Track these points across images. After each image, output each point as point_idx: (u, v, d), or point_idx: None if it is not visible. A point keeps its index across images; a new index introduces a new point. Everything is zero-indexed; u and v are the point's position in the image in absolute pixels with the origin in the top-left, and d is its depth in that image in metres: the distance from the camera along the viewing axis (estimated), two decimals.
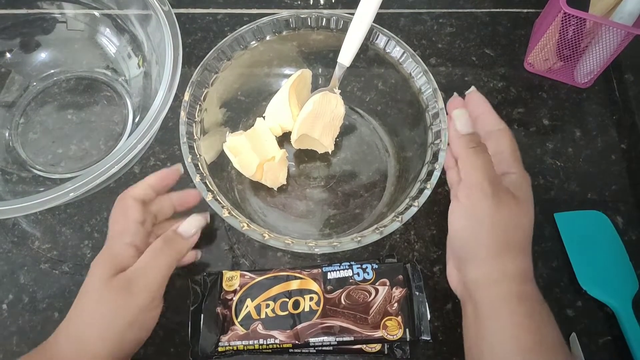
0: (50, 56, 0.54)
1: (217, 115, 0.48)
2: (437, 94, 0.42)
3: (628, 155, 0.53)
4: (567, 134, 0.54)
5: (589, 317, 0.45)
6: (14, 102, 0.53)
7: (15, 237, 0.48)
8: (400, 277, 0.43)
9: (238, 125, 0.51)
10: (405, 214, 0.38)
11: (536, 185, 0.51)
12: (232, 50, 0.45)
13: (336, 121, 0.48)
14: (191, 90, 0.42)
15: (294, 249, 0.37)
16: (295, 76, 0.47)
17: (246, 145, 0.45)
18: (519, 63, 0.58)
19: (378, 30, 0.45)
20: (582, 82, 0.56)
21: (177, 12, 0.47)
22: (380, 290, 0.42)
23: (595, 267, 0.46)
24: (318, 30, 0.46)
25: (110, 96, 0.54)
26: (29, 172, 0.50)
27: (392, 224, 0.38)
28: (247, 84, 0.50)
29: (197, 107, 0.42)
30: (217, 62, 0.44)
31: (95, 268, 0.36)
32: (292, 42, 0.48)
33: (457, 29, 0.60)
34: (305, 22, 0.45)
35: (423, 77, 0.43)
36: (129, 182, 0.50)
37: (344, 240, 0.37)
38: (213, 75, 0.44)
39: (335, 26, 0.45)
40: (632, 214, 0.50)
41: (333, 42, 0.46)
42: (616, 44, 0.50)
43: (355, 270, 0.43)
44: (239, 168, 0.45)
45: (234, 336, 0.41)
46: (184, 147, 0.40)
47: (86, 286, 0.36)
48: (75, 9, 0.53)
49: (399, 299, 0.42)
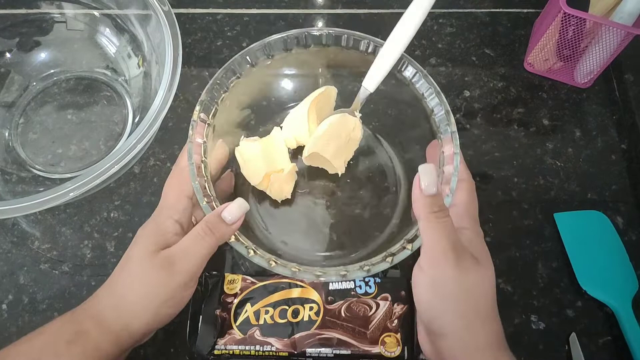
0: (50, 56, 0.54)
1: (235, 115, 0.47)
2: (449, 116, 0.41)
3: (628, 155, 0.53)
4: (567, 134, 0.54)
5: (588, 317, 0.45)
6: (14, 102, 0.53)
7: (14, 237, 0.48)
8: (402, 293, 0.42)
9: (256, 130, 0.49)
10: (415, 243, 0.37)
11: (536, 186, 0.51)
12: (257, 57, 0.44)
13: (351, 144, 0.47)
14: (210, 91, 0.42)
15: (300, 276, 0.36)
16: (319, 92, 0.46)
17: (257, 153, 0.45)
18: (519, 63, 0.58)
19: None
20: (582, 82, 0.56)
21: (177, 12, 0.47)
22: (381, 305, 0.41)
23: (595, 268, 0.46)
24: (348, 50, 0.45)
25: (110, 96, 0.54)
26: (29, 172, 0.50)
27: (403, 252, 0.37)
28: (271, 91, 0.50)
29: (212, 109, 0.42)
30: (240, 66, 0.44)
31: (141, 238, 0.37)
32: (320, 57, 0.47)
33: (457, 29, 0.60)
34: (336, 40, 0.45)
35: (435, 98, 0.42)
36: (129, 182, 0.50)
37: (350, 269, 0.36)
38: (234, 80, 0.43)
39: (365, 49, 0.45)
40: (632, 214, 0.50)
41: (361, 63, 0.45)
42: (616, 44, 0.50)
43: (358, 282, 0.42)
44: (246, 174, 0.45)
45: (231, 340, 0.40)
46: (189, 146, 0.39)
47: (131, 252, 0.37)
48: (75, 8, 0.53)
49: (399, 316, 0.41)
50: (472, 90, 0.56)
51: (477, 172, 0.51)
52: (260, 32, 0.59)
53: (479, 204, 0.49)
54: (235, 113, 0.47)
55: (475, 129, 0.54)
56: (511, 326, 0.45)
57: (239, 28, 0.59)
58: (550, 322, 0.45)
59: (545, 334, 0.45)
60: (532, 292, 0.46)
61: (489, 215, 0.49)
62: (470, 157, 0.52)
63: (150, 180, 0.50)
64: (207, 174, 0.40)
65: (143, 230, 0.38)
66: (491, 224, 0.49)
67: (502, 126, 0.54)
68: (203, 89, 0.42)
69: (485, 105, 0.55)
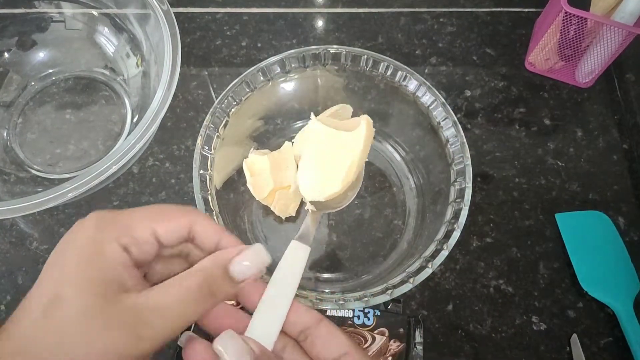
0: (48, 56, 0.54)
1: (246, 126, 0.46)
2: (464, 148, 0.40)
3: (630, 155, 0.53)
4: (569, 134, 0.54)
5: (590, 318, 0.45)
6: (12, 102, 0.53)
7: (13, 238, 0.48)
8: (401, 330, 0.41)
9: (266, 142, 0.49)
10: (418, 276, 0.36)
11: (537, 186, 0.51)
12: (272, 72, 0.44)
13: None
14: (222, 101, 0.41)
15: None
16: (334, 109, 0.46)
17: (266, 167, 0.44)
18: (520, 63, 0.57)
19: (409, 74, 0.43)
20: (584, 81, 0.56)
21: (176, 12, 0.47)
22: (377, 340, 0.40)
23: (596, 268, 0.46)
24: (366, 70, 0.45)
25: (108, 96, 0.54)
26: (27, 172, 0.50)
27: (404, 285, 0.36)
28: (284, 105, 0.49)
29: (223, 120, 0.41)
30: (256, 78, 0.43)
31: (80, 264, 0.23)
32: (339, 76, 0.47)
33: (457, 29, 0.60)
34: (354, 60, 0.44)
35: (452, 128, 0.41)
36: (128, 183, 0.50)
37: (348, 298, 0.35)
38: (247, 92, 0.43)
39: (385, 71, 0.44)
40: (633, 214, 0.50)
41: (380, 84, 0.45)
42: (617, 43, 0.49)
43: (356, 312, 0.41)
44: (251, 188, 0.44)
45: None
46: (196, 157, 0.38)
47: (61, 289, 0.23)
48: (74, 8, 0.53)
49: (394, 354, 0.40)
50: (472, 90, 0.56)
51: (478, 172, 0.51)
52: (259, 32, 0.59)
53: (481, 204, 0.49)
54: (246, 124, 0.46)
55: (476, 129, 0.54)
56: (512, 327, 0.44)
57: (238, 27, 0.59)
58: (552, 323, 0.45)
59: (547, 335, 0.44)
60: (533, 292, 0.46)
61: (489, 215, 0.49)
62: (471, 157, 0.52)
63: (149, 181, 0.50)
64: (212, 188, 0.39)
65: (78, 247, 0.24)
66: (492, 225, 0.49)
67: (503, 126, 0.54)
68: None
69: (486, 105, 0.55)
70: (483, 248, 0.48)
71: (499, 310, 0.45)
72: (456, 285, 0.46)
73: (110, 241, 0.24)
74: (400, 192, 0.48)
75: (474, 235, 0.48)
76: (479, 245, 0.48)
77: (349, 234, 0.47)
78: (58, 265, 0.24)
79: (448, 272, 0.47)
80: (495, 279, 0.46)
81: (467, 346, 0.44)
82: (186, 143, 0.52)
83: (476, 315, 0.45)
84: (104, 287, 0.23)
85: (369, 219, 0.47)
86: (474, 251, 0.48)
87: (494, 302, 0.46)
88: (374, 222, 0.47)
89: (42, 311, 0.22)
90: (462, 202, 0.38)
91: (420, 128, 0.45)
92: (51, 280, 0.23)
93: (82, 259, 0.23)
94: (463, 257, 0.47)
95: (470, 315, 0.45)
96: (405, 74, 0.43)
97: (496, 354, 0.44)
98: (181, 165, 0.51)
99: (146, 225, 0.25)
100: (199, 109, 0.53)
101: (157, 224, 0.26)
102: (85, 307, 0.22)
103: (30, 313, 0.22)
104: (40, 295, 0.23)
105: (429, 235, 0.41)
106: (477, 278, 0.46)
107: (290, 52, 0.44)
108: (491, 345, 0.44)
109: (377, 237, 0.47)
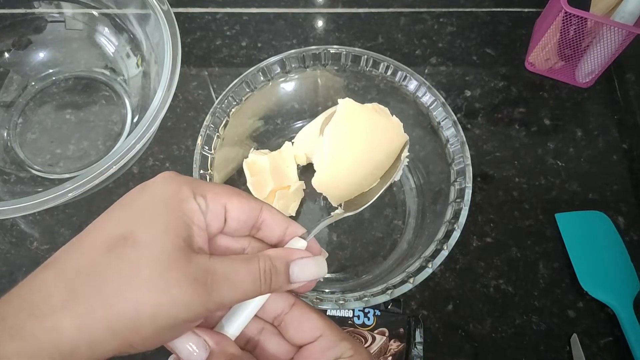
0: (48, 56, 0.54)
1: (246, 126, 0.46)
2: (464, 148, 0.40)
3: (630, 155, 0.53)
4: (569, 133, 0.54)
5: (590, 318, 0.45)
6: (13, 102, 0.53)
7: (13, 238, 0.48)
8: (401, 330, 0.41)
9: (267, 142, 0.49)
10: (418, 276, 0.36)
11: (537, 186, 0.51)
12: (272, 72, 0.44)
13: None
14: (223, 101, 0.41)
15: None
16: (334, 109, 0.45)
17: (266, 167, 0.44)
18: (519, 62, 0.57)
19: (409, 74, 0.43)
20: (584, 81, 0.56)
21: (176, 12, 0.47)
22: (377, 339, 0.41)
23: (596, 268, 0.46)
24: (366, 70, 0.45)
25: (108, 96, 0.54)
26: (27, 172, 0.50)
27: (404, 285, 0.36)
28: (285, 105, 0.49)
29: (223, 120, 0.41)
30: (256, 78, 0.43)
31: (162, 209, 0.23)
32: (339, 76, 0.47)
33: (457, 28, 0.60)
34: (354, 60, 0.44)
35: (452, 128, 0.41)
36: (128, 183, 0.50)
37: (348, 298, 0.35)
38: (247, 92, 0.43)
39: (385, 71, 0.44)
40: (633, 214, 0.50)
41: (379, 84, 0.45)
42: (617, 43, 0.49)
43: (357, 312, 0.42)
44: (252, 188, 0.44)
45: None
46: (196, 157, 0.38)
47: (137, 234, 0.22)
48: (74, 8, 0.53)
49: (394, 353, 0.40)
50: (473, 90, 0.56)
51: (478, 172, 0.51)
52: (259, 32, 0.59)
53: (481, 204, 0.49)
54: (246, 124, 0.46)
55: (476, 129, 0.54)
56: (512, 327, 0.44)
57: (238, 27, 0.59)
58: (551, 322, 0.45)
59: (546, 335, 0.44)
60: (533, 292, 0.46)
61: (489, 215, 0.49)
62: (471, 157, 0.52)
63: None
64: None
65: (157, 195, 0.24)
66: (492, 224, 0.49)
67: (503, 126, 0.54)
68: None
69: (486, 105, 0.55)
70: (483, 248, 0.48)
71: (499, 310, 0.45)
72: (456, 285, 0.46)
73: (190, 200, 0.24)
74: (400, 192, 0.48)
75: (474, 235, 0.48)
76: (479, 245, 0.48)
77: (349, 234, 0.47)
78: (132, 208, 0.23)
79: (448, 272, 0.47)
80: (495, 278, 0.46)
81: (467, 346, 0.44)
82: (186, 143, 0.52)
83: (476, 315, 0.45)
84: (181, 241, 0.22)
85: (369, 219, 0.47)
86: (474, 251, 0.48)
87: (494, 302, 0.46)
88: (374, 222, 0.47)
89: (106, 249, 0.21)
90: (462, 202, 0.38)
91: (420, 128, 0.45)
92: (123, 221, 0.23)
93: (161, 208, 0.23)
94: (463, 257, 0.47)
95: (470, 315, 0.45)
96: (405, 74, 0.44)
97: (496, 354, 0.44)
98: (181, 165, 0.51)
99: (220, 199, 0.25)
100: (199, 109, 0.53)
101: (231, 201, 0.25)
102: (160, 255, 0.22)
103: (90, 249, 0.22)
104: (105, 233, 0.22)
105: (429, 235, 0.41)
106: (477, 278, 0.46)
107: (290, 52, 0.44)
108: (491, 345, 0.44)
109: (377, 237, 0.47)
